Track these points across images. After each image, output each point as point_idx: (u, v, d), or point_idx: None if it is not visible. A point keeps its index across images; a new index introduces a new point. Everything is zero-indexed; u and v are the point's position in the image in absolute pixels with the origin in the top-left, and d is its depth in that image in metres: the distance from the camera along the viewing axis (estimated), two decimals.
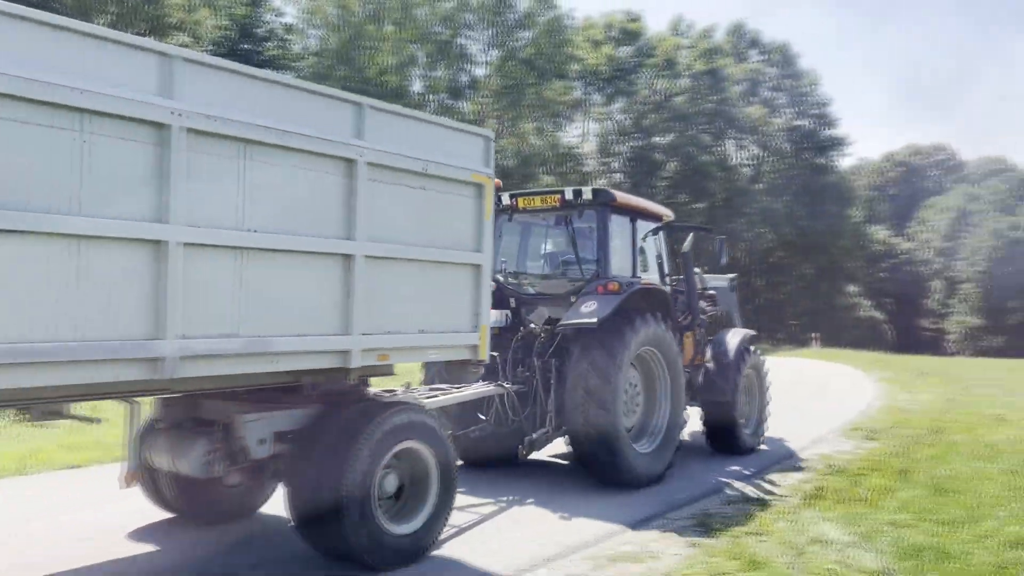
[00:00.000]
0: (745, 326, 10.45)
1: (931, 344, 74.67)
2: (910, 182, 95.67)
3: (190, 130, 4.12)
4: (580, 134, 45.01)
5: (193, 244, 4.15)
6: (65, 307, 3.69)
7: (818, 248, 45.55)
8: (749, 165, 49.54)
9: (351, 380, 5.24)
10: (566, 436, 7.47)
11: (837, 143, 49.40)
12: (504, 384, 7.54)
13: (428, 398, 6.55)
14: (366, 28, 34.14)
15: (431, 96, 37.47)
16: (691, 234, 9.58)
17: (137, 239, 3.95)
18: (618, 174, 43.93)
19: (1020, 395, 16.31)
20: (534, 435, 7.42)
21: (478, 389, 7.19)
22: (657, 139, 42.55)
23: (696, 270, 9.55)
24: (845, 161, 59.21)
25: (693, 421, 8.96)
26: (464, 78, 38.28)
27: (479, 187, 5.87)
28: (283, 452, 5.13)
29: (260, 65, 26.52)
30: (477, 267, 5.88)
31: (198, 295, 4.19)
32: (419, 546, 5.32)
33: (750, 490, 7.63)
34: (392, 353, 5.36)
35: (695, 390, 9.07)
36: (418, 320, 5.50)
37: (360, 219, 5.00)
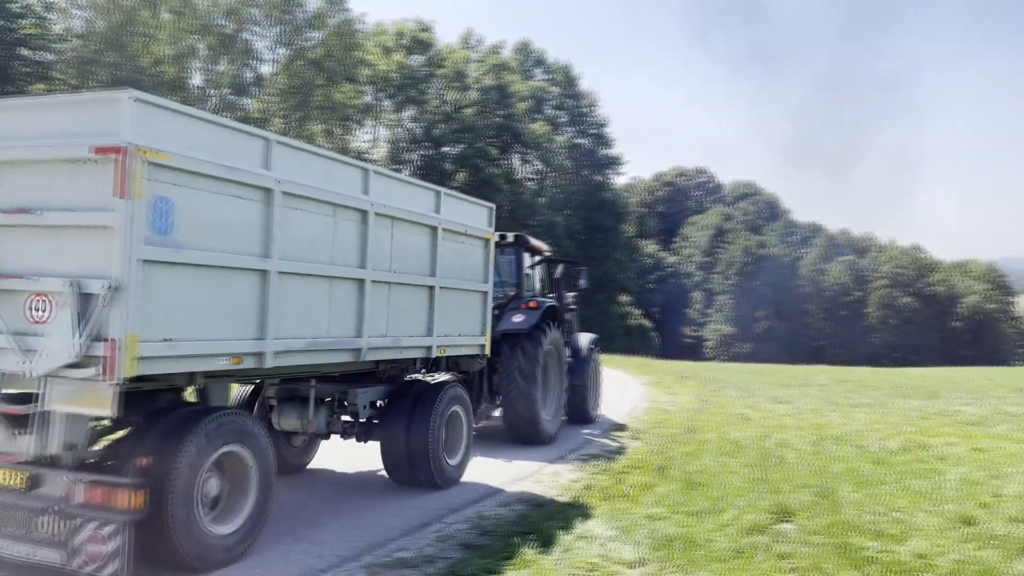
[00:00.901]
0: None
1: (692, 350, 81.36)
2: (676, 201, 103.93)
3: (446, 230, 8.03)
4: (371, 140, 44.72)
5: (376, 281, 6.89)
6: (325, 319, 6.32)
7: (595, 260, 48.29)
8: (533, 179, 51.55)
9: (419, 367, 8.45)
10: (500, 408, 10.51)
11: (613, 162, 52.63)
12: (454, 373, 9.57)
13: None
14: (139, 13, 31.83)
15: (212, 91, 35.61)
16: (561, 265, 13.19)
17: (351, 278, 6.62)
18: None
19: (762, 396, 18.20)
20: (479, 408, 9.98)
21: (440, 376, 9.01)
22: (447, 149, 43.17)
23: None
24: (620, 179, 63.13)
25: None
26: (249, 75, 36.76)
27: (487, 241, 8.86)
28: (374, 415, 7.84)
29: (13, 45, 23.93)
30: (485, 293, 8.87)
31: (373, 313, 6.85)
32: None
33: (524, 491, 7.96)
34: (448, 348, 8.28)
35: None
36: (458, 327, 8.36)
37: (438, 264, 7.81)
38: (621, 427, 12.61)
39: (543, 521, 6.66)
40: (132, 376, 4.67)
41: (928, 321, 77.83)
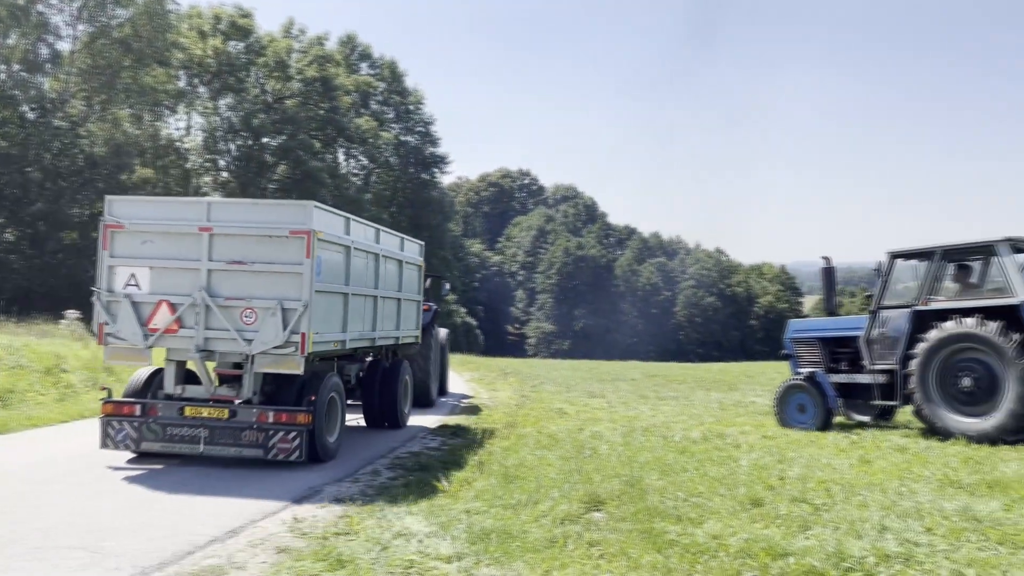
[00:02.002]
0: None
1: (515, 347, 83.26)
2: (501, 201, 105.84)
3: (405, 261, 12.28)
4: (184, 127, 42.32)
5: (371, 296, 10.58)
6: (361, 320, 10.24)
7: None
8: (358, 175, 50.77)
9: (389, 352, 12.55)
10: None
11: (439, 160, 52.79)
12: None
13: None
14: None
15: (2, 66, 32.38)
16: (430, 278, 15.62)
17: (367, 295, 10.47)
18: (225, 172, 42.08)
19: (578, 391, 18.93)
20: None
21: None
22: (267, 140, 41.62)
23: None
24: (446, 178, 63.41)
25: None
26: (45, 51, 33.74)
27: (421, 267, 13.09)
28: (357, 382, 11.80)
29: None
30: (419, 301, 13.10)
31: (378, 316, 10.84)
32: None
33: (342, 491, 7.85)
34: (403, 338, 12.22)
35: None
36: (408, 324, 12.41)
37: (402, 284, 11.94)
38: (443, 424, 12.70)
39: (361, 521, 6.59)
40: (308, 353, 8.68)
41: (728, 319, 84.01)
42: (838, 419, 12.56)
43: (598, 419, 13.31)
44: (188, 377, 9.25)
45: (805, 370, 12.37)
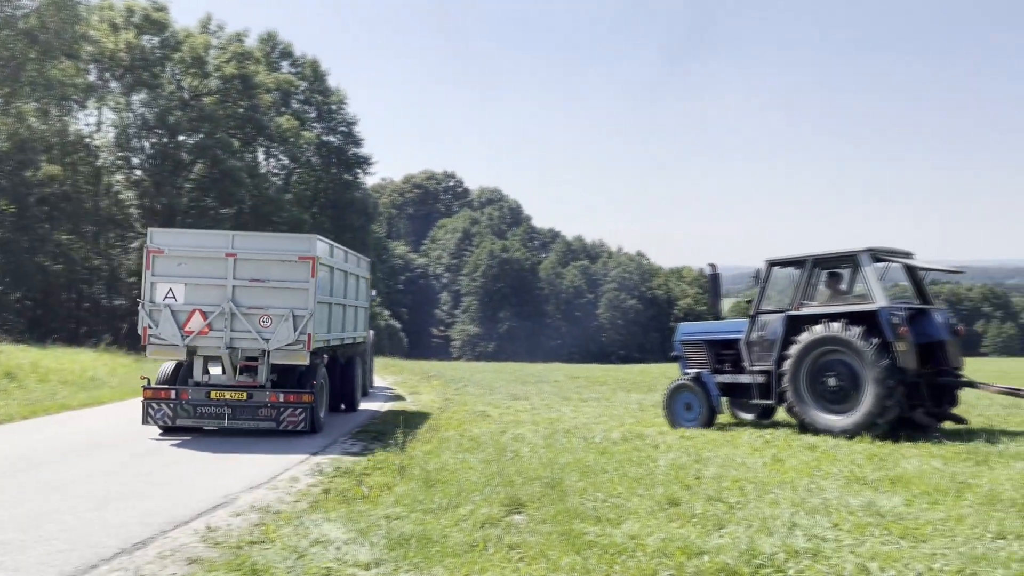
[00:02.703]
0: None
1: (440, 349, 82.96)
2: (425, 203, 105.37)
3: (359, 275, 15.22)
4: (95, 123, 40.71)
5: (341, 304, 13.54)
6: (339, 323, 13.41)
7: None
8: (279, 174, 49.76)
9: (348, 350, 14.81)
10: None
11: (363, 161, 52.15)
12: None
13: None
14: None
15: None
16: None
17: (340, 304, 13.53)
18: (138, 171, 40.65)
19: (501, 393, 18.97)
20: None
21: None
22: (183, 138, 40.37)
23: None
24: (369, 179, 62.70)
25: None
26: None
27: (369, 279, 15.96)
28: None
29: None
30: (368, 308, 16.07)
31: (345, 320, 13.90)
32: None
33: (259, 499, 7.67)
34: (358, 338, 14.98)
35: None
36: (360, 327, 15.15)
37: (359, 294, 15.08)
38: (365, 428, 12.55)
39: (277, 529, 6.45)
40: (311, 350, 11.48)
41: (649, 321, 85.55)
42: (722, 417, 13.08)
43: (521, 421, 13.36)
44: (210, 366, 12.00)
45: (692, 371, 12.95)
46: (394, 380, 23.69)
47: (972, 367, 10.51)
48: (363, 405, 15.82)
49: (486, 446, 10.22)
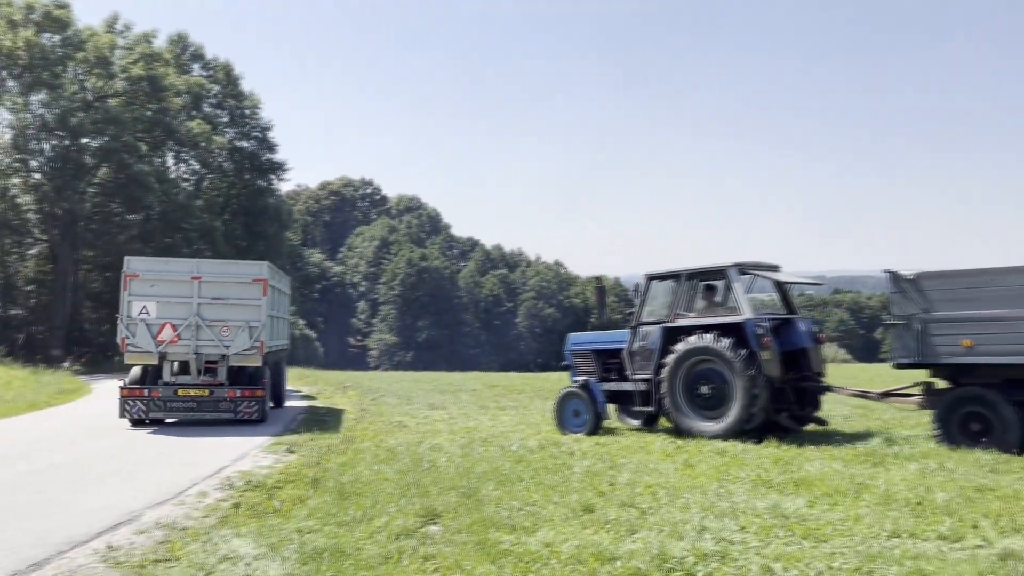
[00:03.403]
0: None
1: (357, 359, 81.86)
2: (342, 210, 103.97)
3: (284, 292, 18.24)
4: None
5: (277, 317, 16.87)
6: (275, 332, 16.55)
7: None
8: (189, 180, 48.32)
9: (277, 355, 17.48)
10: None
11: (277, 167, 51.05)
12: None
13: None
14: None
15: None
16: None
17: (277, 317, 17.01)
18: (37, 174, 38.84)
19: (419, 403, 18.85)
20: None
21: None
22: (87, 140, 38.76)
23: None
24: (284, 186, 61.50)
25: None
26: None
27: (290, 295, 19.57)
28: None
29: None
30: (288, 319, 19.90)
31: (280, 330, 17.54)
32: None
33: (164, 515, 7.40)
34: (283, 347, 18.21)
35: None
36: (285, 336, 18.42)
37: (285, 307, 18.35)
38: (277, 441, 12.28)
39: (184, 546, 6.25)
40: (263, 354, 14.25)
41: (567, 330, 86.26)
42: (609, 423, 13.57)
43: (438, 431, 13.30)
44: (180, 370, 14.42)
45: (580, 379, 13.35)
46: (309, 391, 23.25)
47: (873, 373, 11.11)
48: (255, 436, 15.11)
49: (402, 457, 10.15)
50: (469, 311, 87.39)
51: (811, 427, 12.25)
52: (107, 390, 23.15)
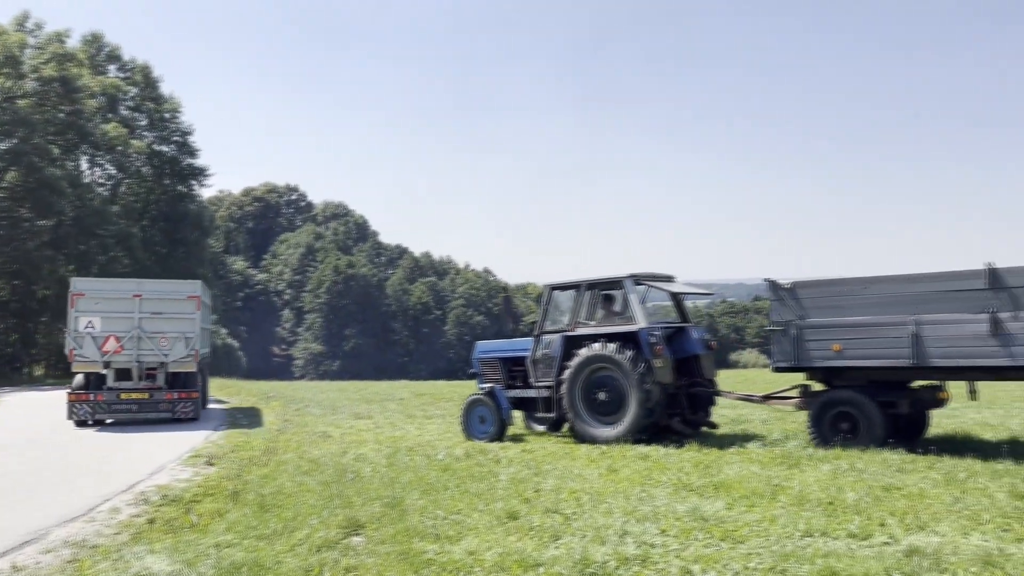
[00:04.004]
0: None
1: (281, 369, 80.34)
2: (266, 217, 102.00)
3: (208, 304, 20.63)
4: None
5: (206, 328, 19.42)
6: (204, 340, 19.38)
7: (177, 275, 45.13)
8: (105, 185, 46.73)
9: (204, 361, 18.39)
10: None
11: (198, 172, 49.80)
12: None
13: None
14: None
15: None
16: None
17: (206, 328, 20.19)
18: None
19: (344, 413, 18.60)
20: None
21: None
22: None
23: None
24: (206, 191, 59.98)
25: None
26: None
27: (211, 305, 21.67)
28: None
29: None
30: (211, 328, 23.22)
31: (206, 339, 19.30)
32: None
33: (73, 533, 7.12)
34: (207, 354, 19.30)
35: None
36: (208, 345, 19.47)
37: (208, 318, 19.93)
38: (196, 453, 11.95)
39: (94, 564, 6.02)
40: (197, 361, 16.38)
41: (496, 337, 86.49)
42: (517, 429, 13.93)
43: (363, 441, 13.15)
44: (120, 376, 16.07)
45: (486, 386, 13.64)
46: (232, 402, 22.70)
47: (779, 379, 11.54)
48: (198, 427, 15.39)
49: (326, 467, 10.00)
50: (397, 319, 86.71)
51: (728, 430, 12.57)
52: (16, 403, 22.13)
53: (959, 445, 10.36)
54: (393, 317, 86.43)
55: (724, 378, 13.56)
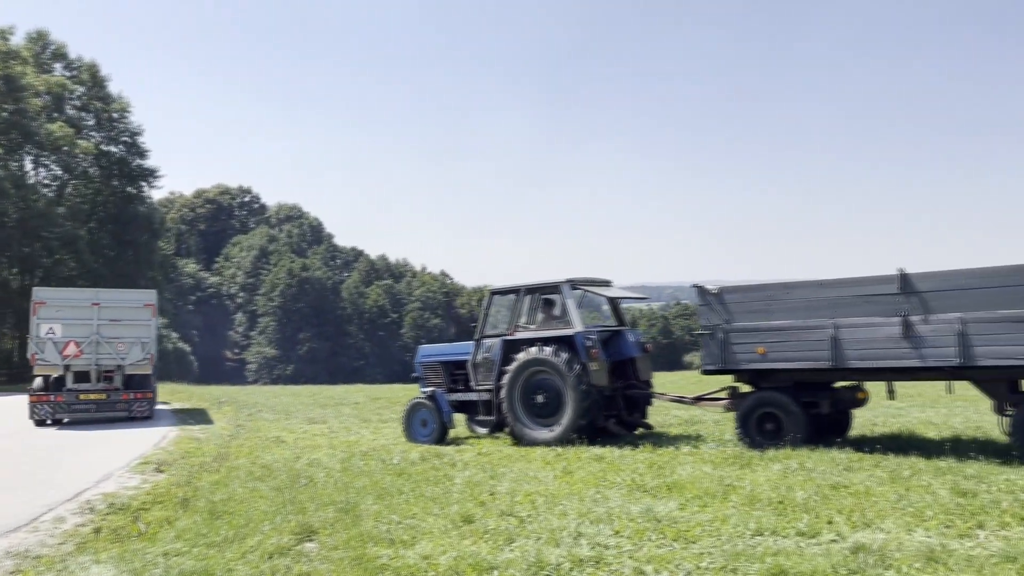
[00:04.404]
0: None
1: (234, 373, 79.08)
2: (219, 219, 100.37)
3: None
4: None
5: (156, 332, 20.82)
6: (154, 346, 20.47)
7: (126, 278, 44.20)
8: (50, 186, 45.57)
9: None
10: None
11: (148, 173, 48.85)
12: None
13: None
14: None
15: None
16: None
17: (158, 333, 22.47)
18: None
19: (298, 418, 18.40)
20: None
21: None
22: None
23: None
24: (156, 193, 58.83)
25: None
26: None
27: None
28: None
29: None
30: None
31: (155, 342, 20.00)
32: None
33: (15, 544, 6.92)
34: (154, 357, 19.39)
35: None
36: (152, 349, 18.30)
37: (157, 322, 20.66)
38: (145, 460, 11.71)
39: (38, 575, 5.86)
40: (152, 364, 18.12)
41: (454, 340, 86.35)
42: (460, 431, 14.11)
43: (317, 446, 13.02)
44: (79, 378, 17.33)
45: (428, 389, 13.80)
46: (181, 407, 22.30)
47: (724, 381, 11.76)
48: (148, 434, 15.02)
49: (279, 473, 9.87)
50: (353, 322, 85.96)
51: (682, 430, 12.73)
52: None
53: (904, 443, 10.61)
54: (348, 320, 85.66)
55: (677, 380, 13.76)
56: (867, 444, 10.43)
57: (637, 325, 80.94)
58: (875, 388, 11.30)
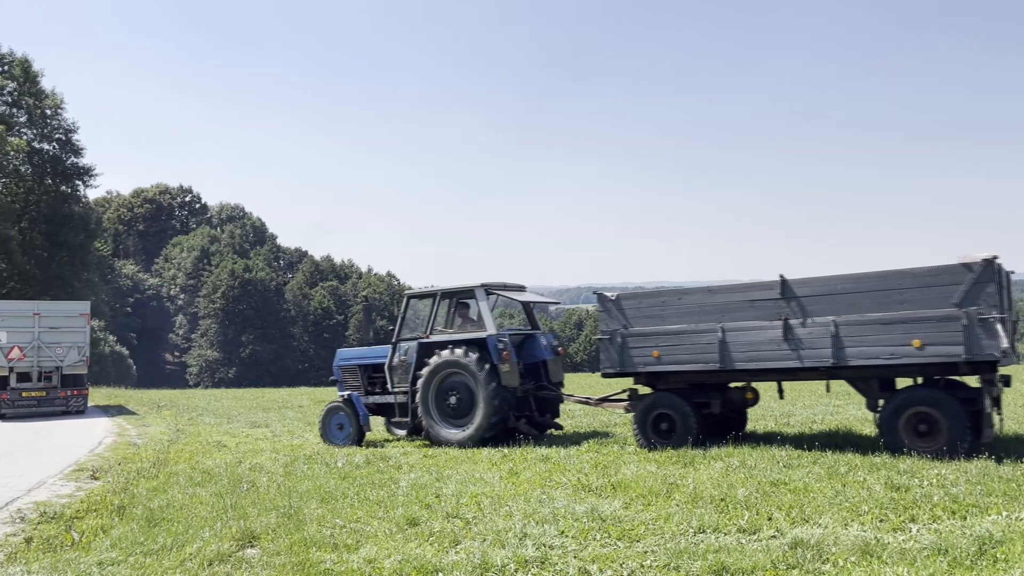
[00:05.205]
0: None
1: (175, 377, 77.35)
2: (158, 219, 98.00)
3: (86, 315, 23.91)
4: None
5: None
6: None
7: (61, 280, 42.79)
8: None
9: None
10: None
11: (84, 172, 47.39)
12: None
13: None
14: None
15: None
16: None
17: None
18: None
19: (240, 422, 18.07)
20: None
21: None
22: None
23: None
24: (93, 192, 57.17)
25: None
26: None
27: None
28: None
29: None
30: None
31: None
32: None
33: None
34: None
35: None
36: (86, 352, 22.54)
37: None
38: (79, 467, 11.37)
39: None
40: (87, 365, 22.27)
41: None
42: (378, 434, 14.21)
43: (260, 450, 12.82)
44: (22, 378, 20.57)
45: (346, 392, 13.91)
46: (118, 412, 21.74)
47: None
48: (84, 440, 14.46)
49: (220, 478, 9.69)
50: (297, 324, 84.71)
51: (628, 430, 12.84)
52: None
53: (841, 440, 10.88)
54: (292, 322, 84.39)
55: (593, 383, 13.76)
56: (806, 441, 10.67)
57: (583, 327, 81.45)
58: (765, 388, 11.67)
